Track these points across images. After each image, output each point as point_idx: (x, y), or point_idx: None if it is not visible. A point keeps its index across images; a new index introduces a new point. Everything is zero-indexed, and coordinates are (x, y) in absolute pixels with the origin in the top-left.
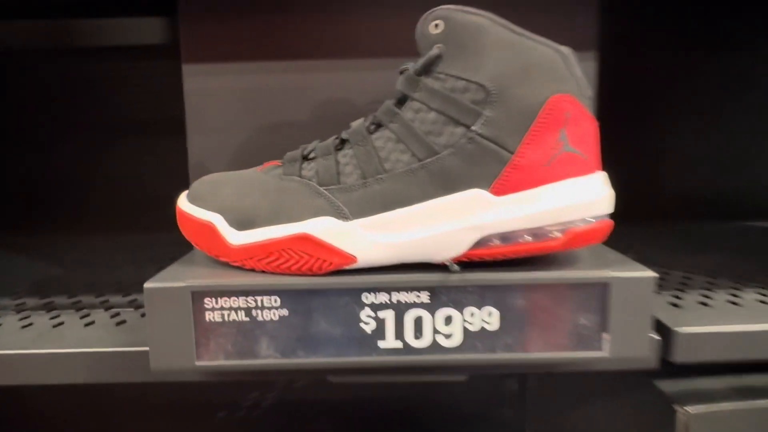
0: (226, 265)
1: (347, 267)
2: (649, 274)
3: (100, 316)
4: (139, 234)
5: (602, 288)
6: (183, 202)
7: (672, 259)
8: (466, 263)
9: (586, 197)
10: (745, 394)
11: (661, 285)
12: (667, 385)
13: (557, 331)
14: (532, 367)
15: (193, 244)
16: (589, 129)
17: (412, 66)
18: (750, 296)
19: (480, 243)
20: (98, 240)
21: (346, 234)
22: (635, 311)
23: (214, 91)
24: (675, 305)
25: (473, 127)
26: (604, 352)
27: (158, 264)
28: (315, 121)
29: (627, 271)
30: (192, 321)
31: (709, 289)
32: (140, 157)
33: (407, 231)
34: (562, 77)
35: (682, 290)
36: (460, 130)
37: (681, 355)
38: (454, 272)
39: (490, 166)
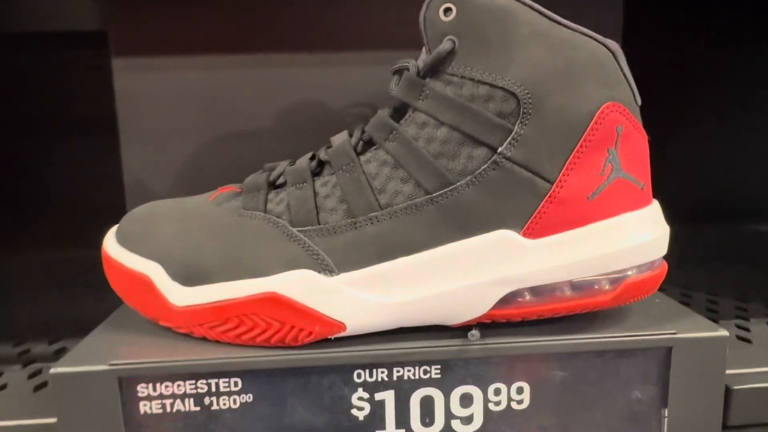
0: (169, 331)
1: (332, 336)
2: (721, 333)
3: (14, 376)
4: (75, 250)
5: (663, 353)
6: (110, 244)
7: (695, 272)
8: (488, 325)
9: (644, 237)
10: None
11: None
12: None
13: (605, 408)
14: None
15: (123, 300)
16: (642, 147)
17: (413, 64)
18: None
19: (507, 299)
20: (19, 261)
21: (330, 293)
22: (704, 379)
23: (154, 90)
24: None
25: (500, 149)
26: None
27: (97, 294)
28: (284, 130)
29: (694, 330)
30: (121, 415)
31: (743, 316)
32: (72, 162)
33: (411, 288)
34: (612, 80)
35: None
36: (481, 152)
37: (738, 417)
38: (474, 341)
39: (522, 201)
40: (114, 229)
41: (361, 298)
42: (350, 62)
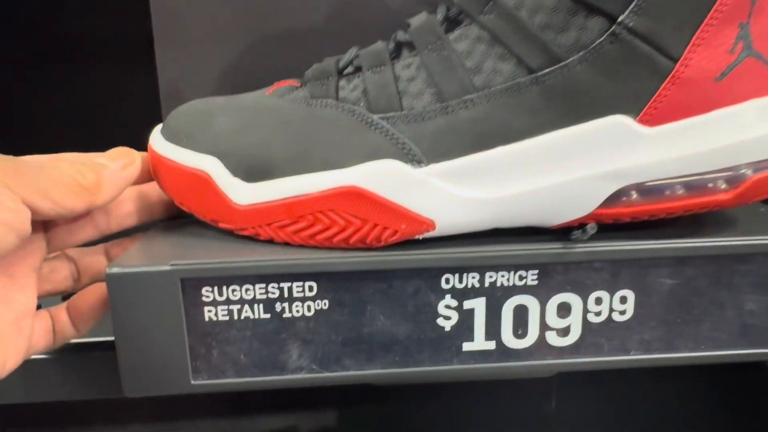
0: (230, 234)
1: (419, 236)
2: None
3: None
4: None
5: None
6: (158, 142)
7: None
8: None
9: None
10: None
11: None
12: None
13: (713, 321)
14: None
15: (176, 203)
16: None
17: None
18: None
19: (614, 198)
20: None
21: (419, 187)
22: None
23: None
24: None
25: (621, 18)
26: None
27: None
28: (338, 27)
29: None
30: (183, 322)
31: None
32: (101, 86)
33: (510, 181)
34: None
35: None
36: (598, 22)
37: None
38: (579, 240)
39: (641, 81)
40: (158, 127)
41: (453, 192)
42: None
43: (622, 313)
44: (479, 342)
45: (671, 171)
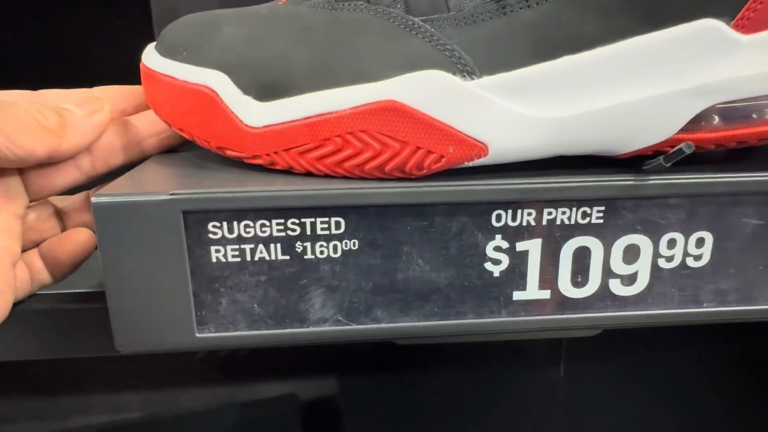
0: (241, 164)
1: (468, 163)
2: None
3: None
4: None
5: None
6: (152, 58)
7: None
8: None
9: None
10: None
11: None
12: None
13: None
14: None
15: (176, 129)
16: None
17: None
18: None
19: (695, 122)
20: None
21: (470, 102)
22: None
23: None
24: None
25: None
26: None
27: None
28: None
29: None
30: (186, 264)
31: None
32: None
33: (577, 98)
34: None
35: None
36: None
37: None
38: (660, 169)
39: None
40: (152, 44)
41: (511, 109)
42: None
43: (698, 258)
44: (532, 290)
45: (766, 88)
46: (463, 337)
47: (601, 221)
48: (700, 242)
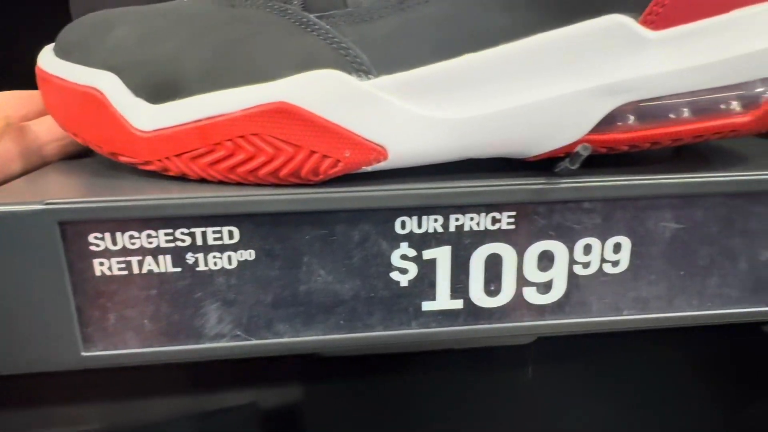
0: (136, 171)
1: (367, 168)
2: None
3: None
4: None
5: None
6: (46, 59)
7: None
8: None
9: None
10: None
11: None
12: None
13: (723, 274)
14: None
15: (70, 134)
16: None
17: None
18: None
19: (608, 121)
20: None
21: (366, 103)
22: None
23: None
24: None
25: None
26: None
27: None
28: None
29: None
30: (67, 279)
31: None
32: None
33: (481, 97)
34: None
35: None
36: None
37: None
38: (567, 172)
39: None
40: (51, 45)
41: (410, 110)
42: None
43: (615, 264)
44: (443, 300)
45: (678, 86)
46: (372, 348)
47: (512, 227)
48: (617, 248)
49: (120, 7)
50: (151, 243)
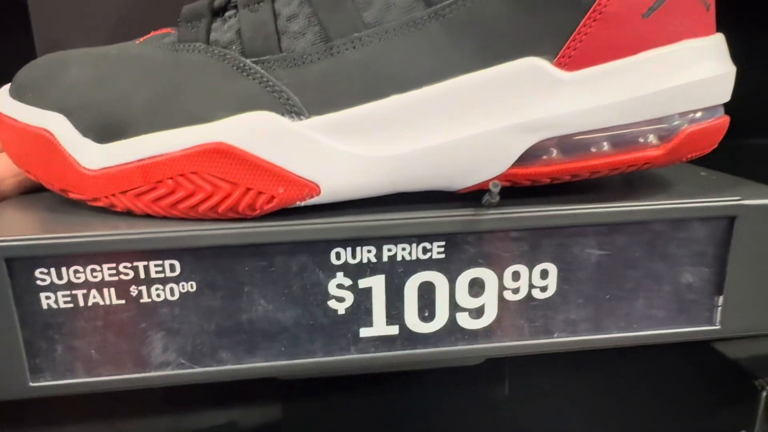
0: (85, 207)
1: (301, 202)
2: None
3: None
4: None
5: (723, 226)
6: (2, 100)
7: None
8: (507, 191)
9: (708, 72)
10: None
11: None
12: (738, 351)
13: (648, 297)
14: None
15: (24, 171)
16: None
17: None
18: None
19: (531, 155)
20: None
21: (299, 143)
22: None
23: None
24: None
25: None
26: (714, 326)
27: None
28: None
29: (762, 197)
30: (14, 312)
31: None
32: None
33: (408, 136)
34: None
35: None
36: None
37: None
38: (490, 205)
39: (558, 17)
40: (8, 85)
41: (340, 149)
42: None
43: (543, 289)
44: (379, 327)
45: (594, 122)
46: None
47: (442, 256)
48: (544, 274)
49: (76, 49)
50: (95, 277)
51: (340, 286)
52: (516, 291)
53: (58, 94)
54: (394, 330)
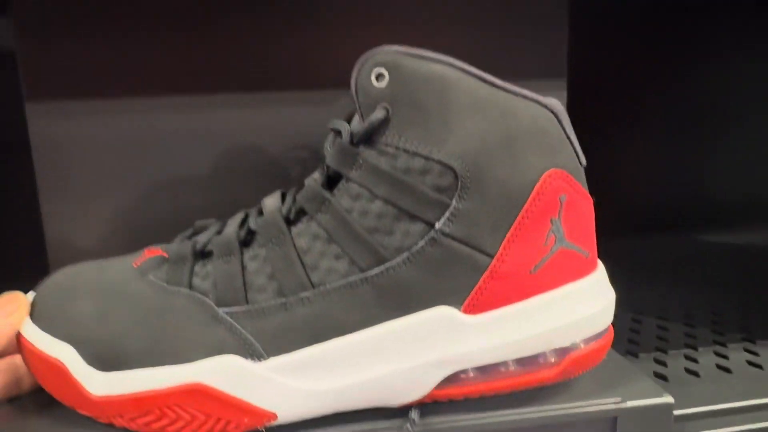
0: (90, 420)
1: (262, 428)
2: (667, 399)
3: None
4: None
5: (609, 423)
6: (26, 326)
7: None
8: (431, 404)
9: (589, 310)
10: None
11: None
12: None
13: None
14: None
15: (43, 387)
16: (588, 212)
17: (346, 130)
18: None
19: (450, 378)
20: None
21: (258, 381)
22: None
23: (76, 139)
24: (661, 376)
25: (438, 225)
26: None
27: None
28: (218, 177)
29: (640, 396)
30: None
31: (691, 344)
32: None
33: (346, 372)
34: (555, 146)
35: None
36: (418, 227)
37: None
38: (413, 424)
39: (461, 277)
40: (29, 299)
41: (292, 385)
42: (287, 102)
43: None
44: None
45: (498, 356)
46: None
47: None
48: None
49: (84, 265)
50: None
51: None
52: None
53: (67, 326)
54: None
